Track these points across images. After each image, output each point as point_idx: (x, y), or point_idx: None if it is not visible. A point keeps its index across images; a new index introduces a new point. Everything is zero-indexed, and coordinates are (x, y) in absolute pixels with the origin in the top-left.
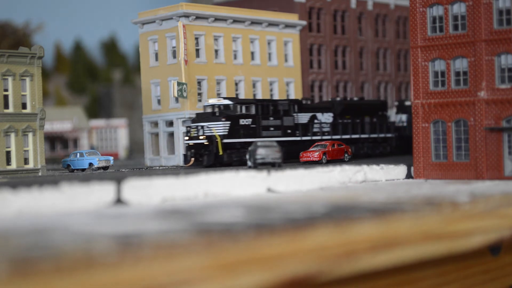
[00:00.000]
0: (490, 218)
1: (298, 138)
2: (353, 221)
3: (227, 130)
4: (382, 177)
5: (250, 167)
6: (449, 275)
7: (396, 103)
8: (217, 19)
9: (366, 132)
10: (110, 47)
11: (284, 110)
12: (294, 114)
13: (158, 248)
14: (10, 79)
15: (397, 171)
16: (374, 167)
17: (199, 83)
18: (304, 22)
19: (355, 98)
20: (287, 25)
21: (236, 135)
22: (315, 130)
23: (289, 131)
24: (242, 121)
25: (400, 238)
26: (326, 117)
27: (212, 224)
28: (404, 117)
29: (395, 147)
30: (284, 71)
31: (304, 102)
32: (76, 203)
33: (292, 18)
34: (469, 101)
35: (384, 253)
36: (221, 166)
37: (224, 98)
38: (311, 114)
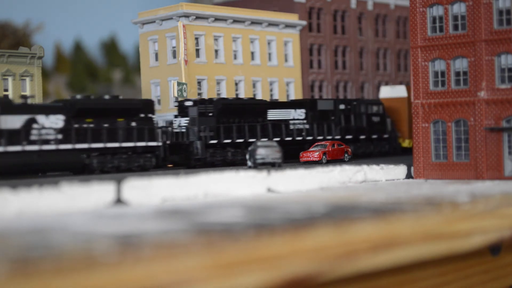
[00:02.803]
0: (490, 218)
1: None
2: (353, 221)
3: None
4: (382, 177)
5: (250, 167)
6: (449, 275)
7: (175, 104)
8: (217, 19)
9: (118, 140)
10: (110, 47)
11: None
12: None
13: (158, 248)
14: (10, 79)
15: (397, 171)
16: (374, 167)
17: (199, 83)
18: (304, 22)
19: (107, 97)
20: (287, 25)
21: None
22: (32, 138)
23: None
24: None
25: (400, 238)
26: (52, 121)
27: (212, 224)
28: (184, 121)
29: (163, 158)
30: (284, 71)
31: (20, 101)
32: (76, 203)
33: (292, 18)
34: (469, 101)
35: (384, 253)
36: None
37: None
38: (28, 116)
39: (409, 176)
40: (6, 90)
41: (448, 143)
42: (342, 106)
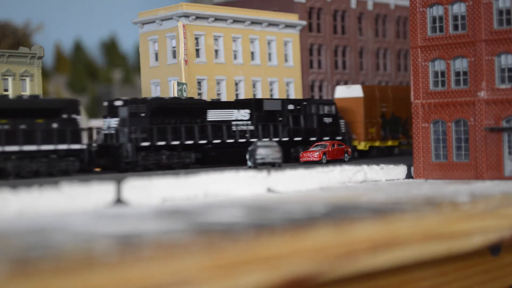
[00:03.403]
0: (490, 218)
1: None
2: (353, 221)
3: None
4: (382, 177)
5: (250, 167)
6: (449, 275)
7: (105, 104)
8: (217, 19)
9: (36, 143)
10: (110, 47)
11: None
12: None
13: (158, 248)
14: (10, 79)
15: (397, 171)
16: (374, 167)
17: (199, 83)
18: (304, 22)
19: (25, 96)
20: (287, 25)
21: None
22: None
23: None
24: None
25: (400, 238)
26: None
27: (212, 224)
28: (114, 122)
29: (88, 162)
30: (284, 71)
31: None
32: (76, 203)
33: (292, 18)
34: (469, 101)
35: (384, 253)
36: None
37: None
38: None
39: (409, 176)
40: (6, 90)
41: (448, 143)
42: (291, 107)
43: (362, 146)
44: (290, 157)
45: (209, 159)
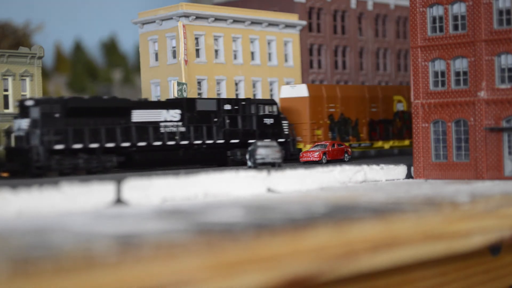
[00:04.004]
0: (490, 218)
1: None
2: (353, 221)
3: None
4: (382, 177)
5: (250, 167)
6: (449, 275)
7: (16, 104)
8: (217, 19)
9: None
10: (110, 47)
11: None
12: None
13: (158, 248)
14: (10, 79)
15: (397, 171)
16: (374, 167)
17: (199, 83)
18: (304, 22)
19: None
20: (287, 25)
21: None
22: None
23: None
24: None
25: (400, 238)
26: None
27: (212, 224)
28: (24, 123)
29: None
30: (284, 71)
31: None
32: (76, 203)
33: (292, 18)
34: (469, 101)
35: (384, 253)
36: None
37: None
38: None
39: (409, 176)
40: (6, 90)
41: (448, 143)
42: (227, 107)
43: (307, 148)
44: (227, 161)
45: (134, 162)
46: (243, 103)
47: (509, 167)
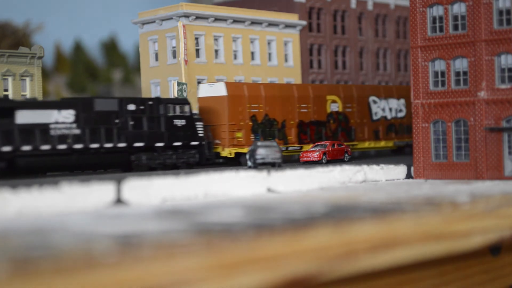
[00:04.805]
0: (490, 218)
1: None
2: (353, 221)
3: None
4: (382, 177)
5: (250, 167)
6: (449, 275)
7: None
8: (217, 19)
9: None
10: (110, 47)
11: None
12: None
13: (158, 248)
14: (10, 79)
15: (397, 171)
16: (374, 167)
17: (199, 83)
18: (304, 22)
19: None
20: (287, 25)
21: None
22: None
23: None
24: None
25: (400, 238)
26: None
27: (212, 224)
28: None
29: None
30: (284, 71)
31: None
32: (76, 203)
33: (292, 18)
34: (469, 101)
35: (384, 253)
36: None
37: None
38: None
39: (409, 176)
40: (6, 90)
41: (448, 143)
42: (131, 107)
43: (226, 152)
44: (131, 166)
45: (18, 169)
46: (150, 102)
47: (509, 167)
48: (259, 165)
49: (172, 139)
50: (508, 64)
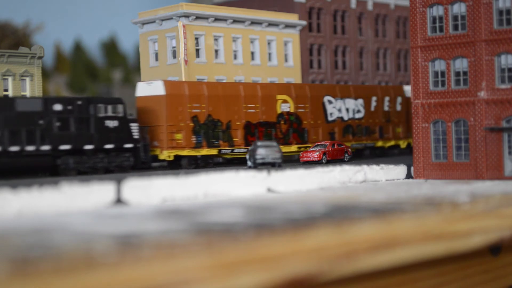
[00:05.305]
0: (490, 218)
1: None
2: (353, 221)
3: None
4: (382, 177)
5: (250, 167)
6: (449, 275)
7: None
8: (217, 19)
9: None
10: (110, 47)
11: None
12: None
13: (158, 248)
14: (10, 79)
15: (397, 171)
16: (374, 167)
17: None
18: (304, 22)
19: None
20: (287, 25)
21: None
22: None
23: None
24: None
25: (400, 238)
26: None
27: (212, 224)
28: None
29: None
30: (284, 71)
31: None
32: (76, 203)
33: (292, 18)
34: (469, 101)
35: (384, 253)
36: None
37: None
38: None
39: (409, 176)
40: (6, 90)
41: (448, 143)
42: (57, 107)
43: (164, 155)
44: (57, 170)
45: None
46: (79, 102)
47: (509, 167)
48: (259, 165)
49: (103, 141)
50: (508, 64)
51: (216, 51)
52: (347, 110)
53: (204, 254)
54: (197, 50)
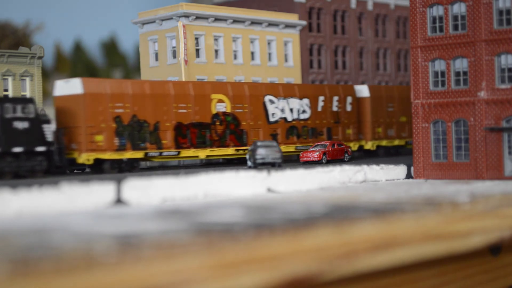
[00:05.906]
0: (490, 218)
1: None
2: (353, 221)
3: None
4: (382, 177)
5: (250, 167)
6: (449, 275)
7: None
8: (217, 19)
9: None
10: (110, 47)
11: None
12: None
13: (158, 248)
14: (10, 79)
15: (397, 171)
16: (374, 167)
17: None
18: (304, 22)
19: None
20: (287, 25)
21: None
22: None
23: None
24: None
25: (400, 238)
26: None
27: (212, 224)
28: None
29: None
30: (284, 71)
31: None
32: (76, 203)
33: (292, 18)
34: (469, 101)
35: (384, 253)
36: None
37: None
38: None
39: (409, 176)
40: (6, 90)
41: (448, 143)
42: None
43: (83, 159)
44: None
45: None
46: None
47: (509, 167)
48: (259, 165)
49: (11, 144)
50: (508, 64)
51: (216, 51)
52: (291, 110)
53: (204, 254)
54: (197, 50)
